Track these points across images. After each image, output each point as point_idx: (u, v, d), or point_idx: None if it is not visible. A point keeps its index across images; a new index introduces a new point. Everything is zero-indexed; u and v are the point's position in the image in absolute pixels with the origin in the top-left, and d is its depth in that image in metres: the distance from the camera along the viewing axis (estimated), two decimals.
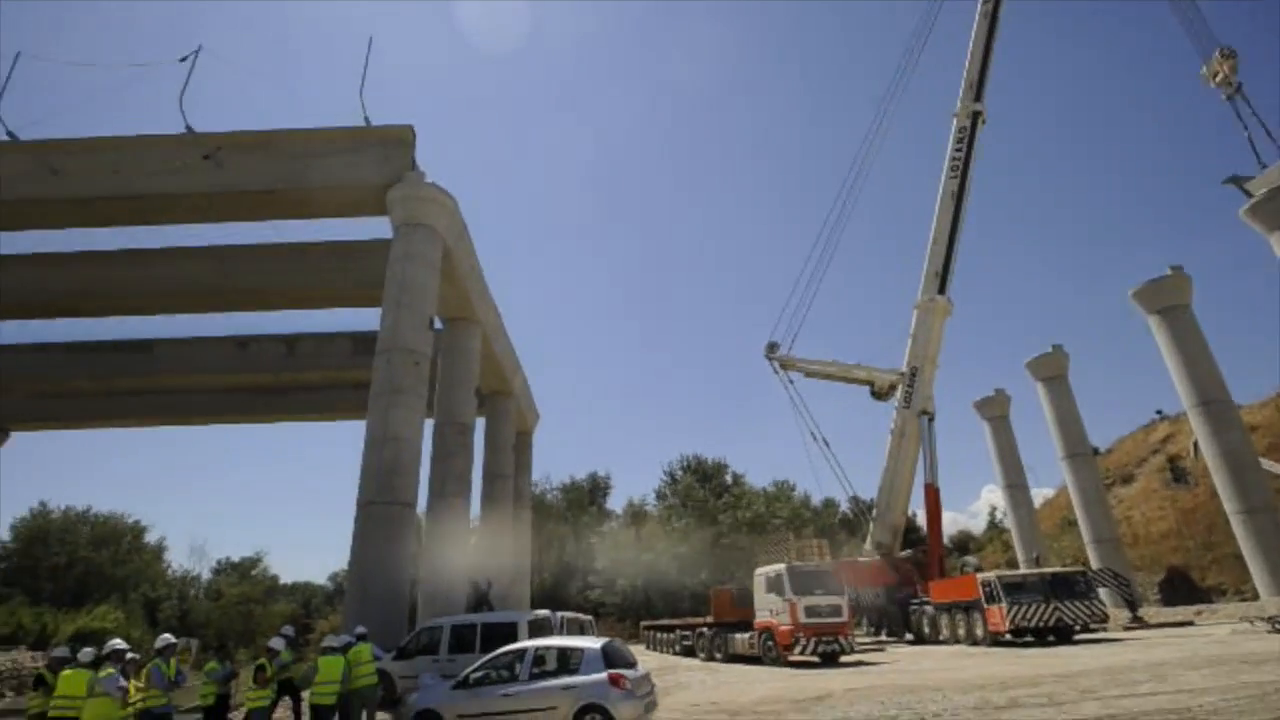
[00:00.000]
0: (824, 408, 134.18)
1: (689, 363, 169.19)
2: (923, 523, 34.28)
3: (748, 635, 19.62)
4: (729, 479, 57.91)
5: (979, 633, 20.41)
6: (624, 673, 8.64)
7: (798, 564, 19.16)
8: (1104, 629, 20.39)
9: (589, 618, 16.71)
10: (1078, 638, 19.54)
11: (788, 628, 17.45)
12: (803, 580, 18.06)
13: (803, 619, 17.41)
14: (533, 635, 11.68)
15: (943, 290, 31.21)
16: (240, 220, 20.19)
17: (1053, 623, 18.89)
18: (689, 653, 24.24)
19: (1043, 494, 50.56)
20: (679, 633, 25.97)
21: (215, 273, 22.52)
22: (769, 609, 18.52)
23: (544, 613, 13.47)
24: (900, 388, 31.14)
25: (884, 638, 26.61)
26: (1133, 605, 24.13)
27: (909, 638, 24.90)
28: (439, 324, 21.24)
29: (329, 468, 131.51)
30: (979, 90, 32.25)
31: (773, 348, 33.50)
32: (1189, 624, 22.97)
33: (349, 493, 21.19)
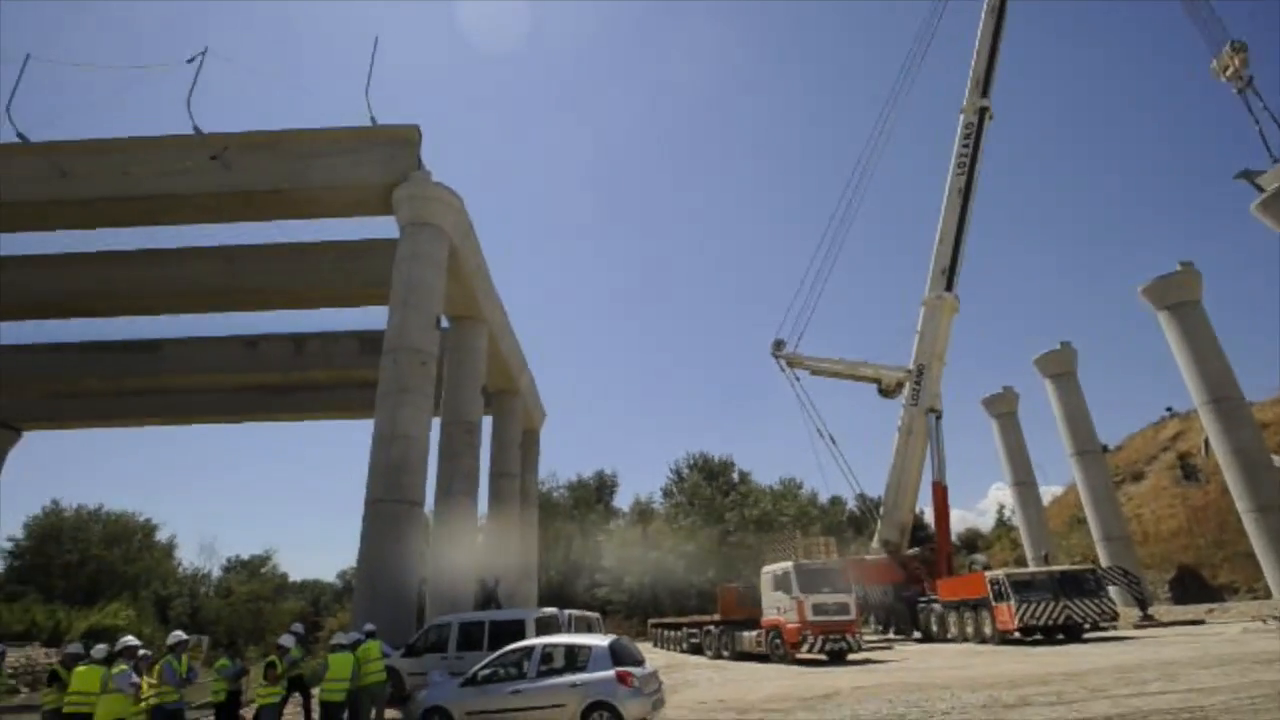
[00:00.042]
0: (831, 405, 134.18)
1: (694, 361, 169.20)
2: (930, 520, 34.18)
3: (755, 633, 19.62)
4: (736, 477, 57.82)
5: (987, 631, 20.32)
6: (632, 670, 8.65)
7: (805, 562, 19.07)
8: (1114, 627, 20.21)
9: (596, 615, 16.77)
10: (1087, 636, 19.39)
11: (795, 626, 17.44)
12: (810, 578, 18.05)
13: (810, 617, 17.40)
14: (540, 633, 11.70)
15: (950, 287, 31.10)
16: (247, 220, 20.27)
17: (1062, 621, 18.78)
18: (696, 650, 24.26)
19: (1051, 491, 50.30)
20: (686, 630, 26.00)
21: (224, 273, 22.64)
22: (776, 607, 18.51)
23: (551, 610, 13.51)
24: (907, 385, 31.06)
25: (892, 636, 26.50)
26: (1143, 603, 23.95)
27: (917, 636, 24.81)
28: (445, 323, 21.29)
29: (337, 466, 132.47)
30: (986, 86, 32.12)
31: (779, 345, 33.49)
32: (1200, 622, 22.80)
33: (357, 491, 21.39)
